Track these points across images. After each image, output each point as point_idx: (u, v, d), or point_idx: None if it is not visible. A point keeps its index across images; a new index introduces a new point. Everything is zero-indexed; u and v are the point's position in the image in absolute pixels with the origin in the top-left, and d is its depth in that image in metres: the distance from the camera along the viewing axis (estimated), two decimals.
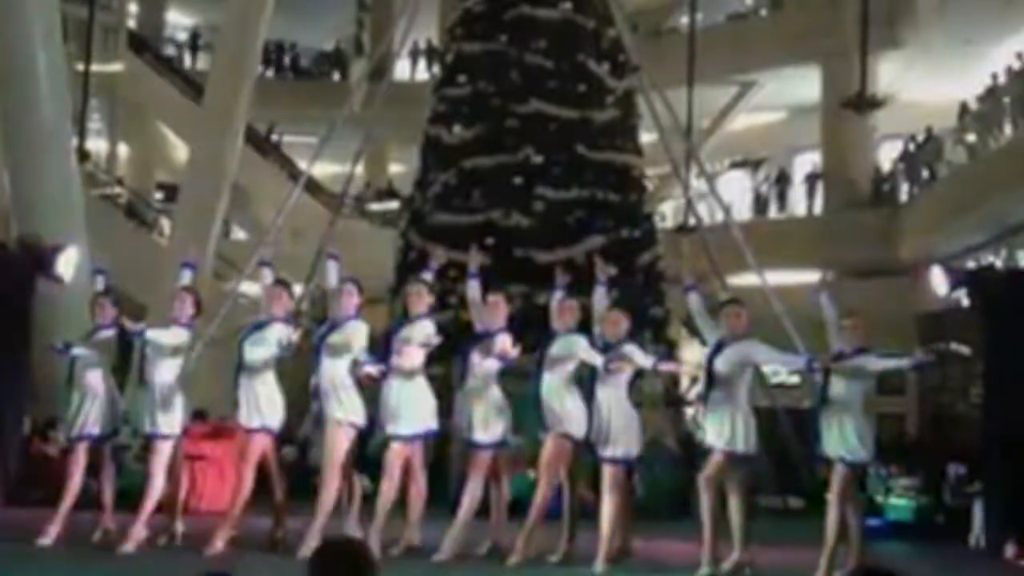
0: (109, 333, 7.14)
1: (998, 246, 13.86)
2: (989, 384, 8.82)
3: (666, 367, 7.24)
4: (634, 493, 8.18)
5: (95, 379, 7.05)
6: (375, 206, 20.23)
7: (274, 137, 20.43)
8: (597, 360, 6.67)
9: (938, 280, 8.46)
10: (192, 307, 7.13)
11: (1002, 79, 13.78)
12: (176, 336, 7.02)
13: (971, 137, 14.90)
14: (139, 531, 6.77)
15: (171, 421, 6.97)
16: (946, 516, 9.79)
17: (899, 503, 10.06)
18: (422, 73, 20.61)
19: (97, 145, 20.33)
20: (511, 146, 12.27)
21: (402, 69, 19.79)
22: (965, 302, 8.73)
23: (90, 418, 7.03)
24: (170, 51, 21.97)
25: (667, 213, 18.47)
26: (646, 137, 13.42)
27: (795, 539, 7.60)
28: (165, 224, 17.99)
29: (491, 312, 7.04)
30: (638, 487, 9.42)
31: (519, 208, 12.05)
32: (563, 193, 12.13)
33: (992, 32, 14.61)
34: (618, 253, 11.89)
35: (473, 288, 7.12)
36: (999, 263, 13.36)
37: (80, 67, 16.87)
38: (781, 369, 7.88)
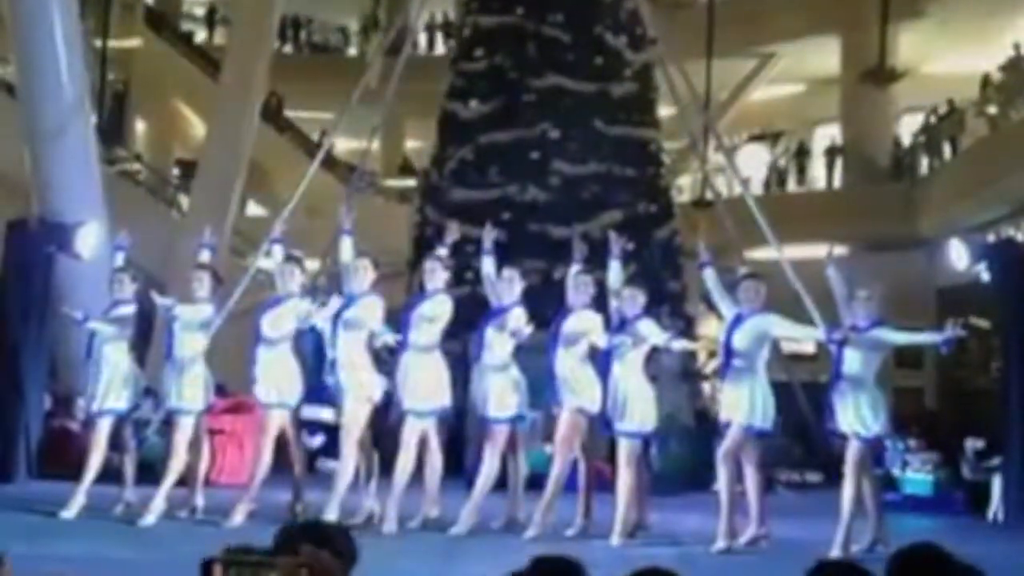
0: (129, 308, 7.20)
1: (1019, 220, 13.71)
2: (1008, 358, 8.77)
3: (679, 345, 7.21)
4: (650, 467, 8.22)
5: (116, 354, 7.12)
6: (391, 182, 20.24)
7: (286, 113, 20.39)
8: (603, 342, 6.68)
9: (958, 254, 8.39)
10: (211, 283, 7.19)
11: None
12: (202, 311, 7.09)
13: (992, 109, 14.72)
14: (159, 504, 6.86)
15: (195, 396, 7.05)
16: (965, 490, 9.76)
17: (917, 477, 10.04)
18: (439, 48, 20.52)
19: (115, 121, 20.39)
20: (528, 120, 12.21)
21: (419, 43, 19.71)
22: (985, 276, 8.65)
23: (111, 393, 7.10)
24: (187, 27, 21.97)
25: (684, 187, 18.37)
26: (663, 111, 13.33)
27: (812, 513, 7.62)
28: (183, 200, 18.07)
29: (506, 287, 7.05)
30: (654, 461, 9.46)
31: (536, 183, 12.01)
32: (580, 168, 12.08)
33: (1015, 2, 14.39)
34: (635, 228, 11.86)
35: (488, 264, 7.13)
36: (1020, 237, 13.23)
37: (98, 43, 16.90)
38: (799, 341, 7.84)
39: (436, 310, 6.93)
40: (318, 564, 2.10)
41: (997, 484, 8.91)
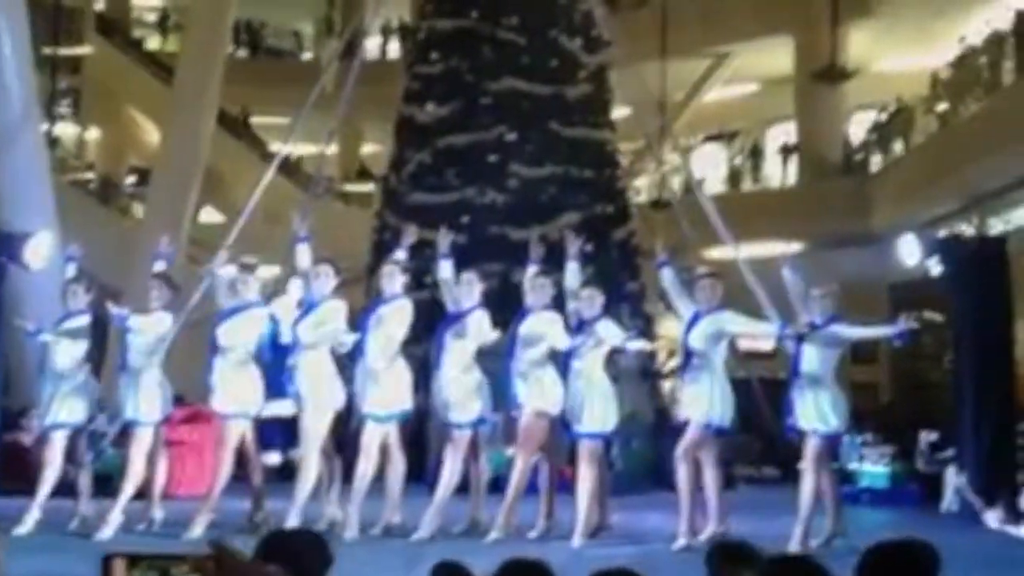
0: (83, 319, 7.10)
1: (969, 214, 13.98)
2: (960, 351, 8.93)
3: (638, 345, 7.26)
4: (611, 467, 8.26)
5: (69, 366, 7.02)
6: (350, 186, 20.17)
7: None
8: (563, 345, 6.72)
9: (909, 249, 8.54)
10: (168, 292, 7.12)
11: (972, 39, 13.82)
12: (158, 322, 7.01)
13: (942, 106, 14.99)
14: (116, 517, 6.77)
15: (152, 408, 6.97)
16: (920, 483, 9.92)
17: (873, 470, 10.19)
18: (395, 52, 20.47)
19: (67, 130, 20.11)
20: (485, 124, 12.23)
21: (374, 47, 19.66)
22: (936, 270, 8.82)
23: (65, 406, 7.00)
24: (139, 33, 21.72)
25: (641, 188, 18.48)
26: (619, 112, 13.41)
27: (771, 509, 7.70)
28: (138, 208, 17.86)
29: (465, 291, 7.06)
30: (616, 461, 9.51)
31: (494, 186, 12.03)
32: (537, 170, 12.12)
33: (962, 1, 14.66)
34: (593, 229, 11.92)
35: (445, 268, 7.13)
36: (970, 231, 13.48)
37: (48, 51, 16.65)
38: (754, 338, 7.94)
39: (394, 315, 6.92)
40: (228, 559, 2.08)
41: (951, 476, 9.06)
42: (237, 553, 2.11)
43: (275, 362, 7.26)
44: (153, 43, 21.49)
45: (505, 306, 7.32)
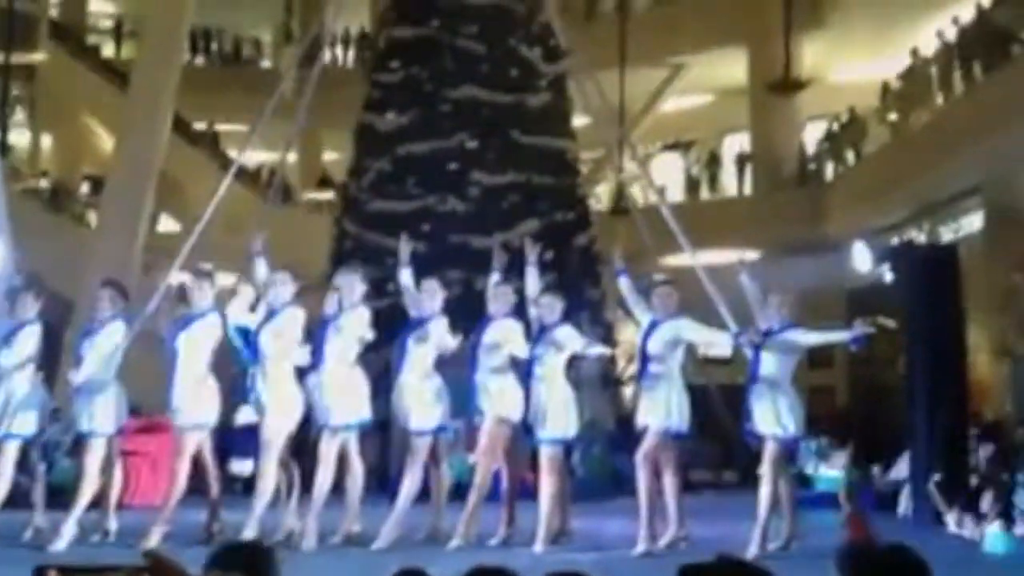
0: (33, 329, 6.99)
1: (920, 222, 14.23)
2: (913, 356, 9.08)
3: (598, 351, 7.29)
4: (573, 474, 8.29)
5: (20, 376, 6.90)
6: (310, 194, 20.06)
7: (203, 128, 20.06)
8: (523, 353, 6.75)
9: (861, 256, 8.67)
10: (120, 301, 7.04)
11: (925, 50, 14.09)
12: (112, 332, 6.93)
13: (893, 116, 15.26)
14: (71, 528, 6.67)
15: (106, 418, 6.88)
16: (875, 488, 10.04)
17: (829, 475, 10.31)
18: (353, 60, 20.42)
19: (20, 138, 19.79)
20: (445, 131, 12.26)
21: (335, 55, 19.59)
22: (888, 277, 8.97)
23: (16, 417, 6.88)
24: (94, 40, 21.44)
25: (602, 195, 18.60)
26: (579, 121, 13.50)
27: (730, 513, 7.76)
28: (93, 217, 17.61)
29: (427, 298, 7.05)
30: (577, 467, 9.54)
31: (455, 193, 12.06)
32: (498, 178, 12.17)
33: (913, 12, 14.95)
34: (554, 236, 11.99)
35: (406, 275, 7.13)
36: (923, 238, 13.73)
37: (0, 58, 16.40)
38: (711, 344, 8.02)
39: (352, 323, 6.90)
40: (163, 570, 2.06)
41: (906, 477, 9.19)
42: (173, 564, 2.08)
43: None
44: (108, 50, 21.22)
45: (467, 313, 7.33)
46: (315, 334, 6.92)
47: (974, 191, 13.08)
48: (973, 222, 13.28)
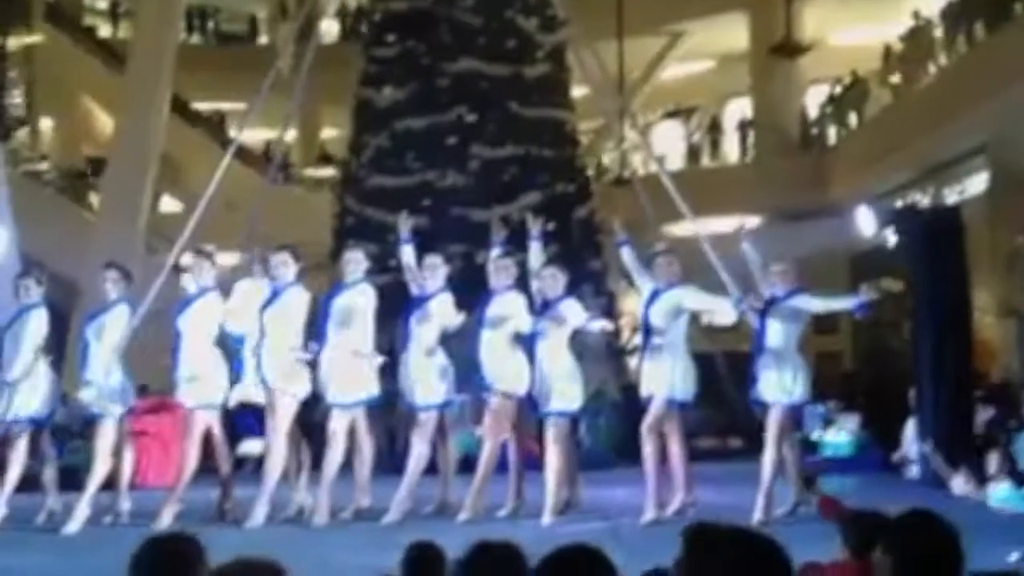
0: (38, 313, 7.01)
1: (924, 184, 14.18)
2: (918, 319, 9.07)
3: (599, 325, 7.25)
4: (579, 445, 8.32)
5: (27, 361, 6.93)
6: (311, 171, 20.02)
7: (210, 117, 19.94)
8: (527, 328, 6.76)
9: (864, 221, 8.64)
10: (124, 283, 7.06)
11: (926, 11, 13.98)
12: (117, 316, 6.95)
13: (895, 78, 15.16)
14: (84, 510, 6.72)
15: (116, 400, 6.91)
16: (884, 451, 10.06)
17: (836, 440, 10.35)
18: (350, 34, 20.28)
19: (19, 121, 19.72)
20: (443, 105, 12.18)
21: (331, 30, 19.48)
22: (892, 240, 8.94)
23: (25, 402, 6.92)
24: (90, 21, 21.32)
25: (604, 164, 18.53)
26: (578, 91, 13.42)
27: (737, 480, 7.80)
28: (94, 199, 17.61)
29: (430, 274, 7.06)
30: (583, 438, 9.58)
31: (454, 168, 12.00)
32: (498, 151, 12.10)
33: None
34: (555, 208, 11.95)
35: (407, 253, 7.12)
36: (927, 201, 13.69)
37: None
38: (714, 312, 7.99)
39: (357, 300, 6.91)
40: None
41: (910, 431, 9.19)
42: None
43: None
44: (105, 31, 21.11)
45: (470, 288, 7.34)
46: (318, 313, 6.94)
47: (978, 152, 13.02)
48: (977, 183, 13.22)
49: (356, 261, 7.06)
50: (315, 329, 6.92)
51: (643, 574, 2.95)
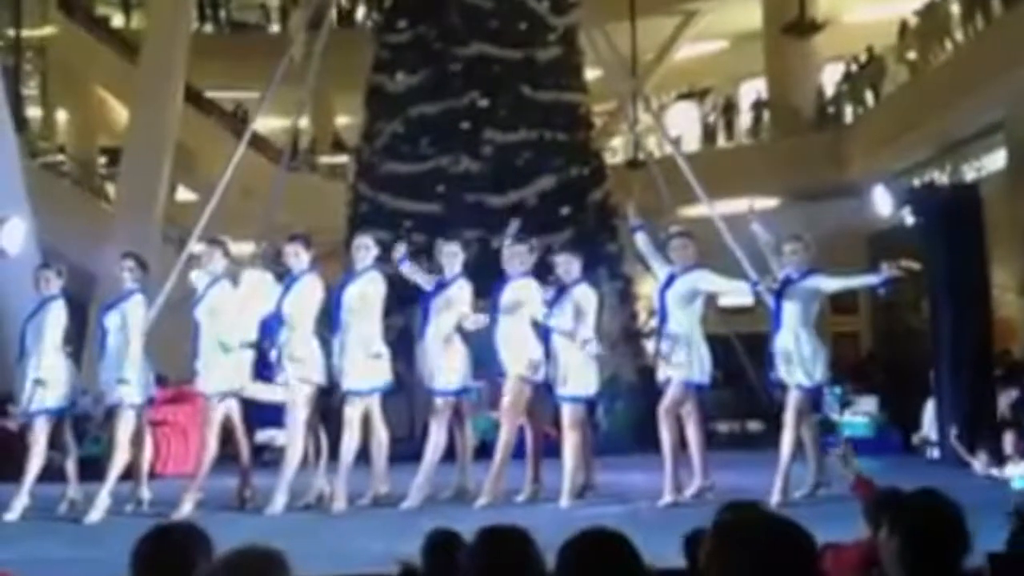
0: (58, 304, 7.05)
1: (942, 162, 14.04)
2: (937, 298, 9.01)
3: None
4: (596, 429, 8.33)
5: (47, 352, 6.97)
6: (324, 158, 20.02)
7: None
8: (540, 316, 6.76)
9: (882, 200, 8.57)
10: (140, 273, 7.10)
11: None
12: (135, 306, 6.99)
13: (911, 55, 14.99)
14: (104, 500, 6.78)
15: (135, 390, 6.96)
16: (903, 432, 10.02)
17: (854, 420, 10.30)
18: (363, 20, 20.22)
19: (34, 112, 19.84)
20: (456, 90, 12.15)
21: (345, 16, 19.43)
22: (909, 219, 8.86)
23: (47, 392, 6.97)
24: (102, 11, 21.35)
25: (617, 148, 18.45)
26: (590, 73, 13.35)
27: (755, 462, 7.78)
28: (111, 190, 17.68)
29: (448, 261, 7.07)
30: (600, 422, 9.58)
31: (468, 153, 11.98)
32: (511, 135, 12.07)
33: None
34: (569, 192, 11.94)
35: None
36: (945, 178, 13.56)
37: (11, 33, 16.39)
38: (730, 294, 7.96)
39: (368, 288, 6.92)
40: None
41: (929, 412, 9.14)
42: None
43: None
44: (118, 20, 21.14)
45: (485, 273, 7.34)
46: (332, 300, 6.95)
47: (996, 128, 12.88)
48: (996, 160, 13.09)
49: (366, 247, 7.07)
50: (329, 319, 6.94)
51: (685, 536, 2.95)
